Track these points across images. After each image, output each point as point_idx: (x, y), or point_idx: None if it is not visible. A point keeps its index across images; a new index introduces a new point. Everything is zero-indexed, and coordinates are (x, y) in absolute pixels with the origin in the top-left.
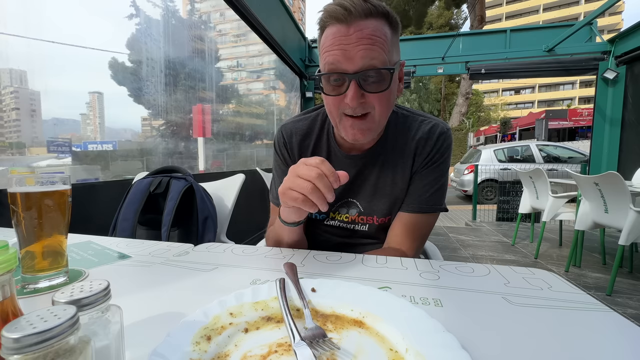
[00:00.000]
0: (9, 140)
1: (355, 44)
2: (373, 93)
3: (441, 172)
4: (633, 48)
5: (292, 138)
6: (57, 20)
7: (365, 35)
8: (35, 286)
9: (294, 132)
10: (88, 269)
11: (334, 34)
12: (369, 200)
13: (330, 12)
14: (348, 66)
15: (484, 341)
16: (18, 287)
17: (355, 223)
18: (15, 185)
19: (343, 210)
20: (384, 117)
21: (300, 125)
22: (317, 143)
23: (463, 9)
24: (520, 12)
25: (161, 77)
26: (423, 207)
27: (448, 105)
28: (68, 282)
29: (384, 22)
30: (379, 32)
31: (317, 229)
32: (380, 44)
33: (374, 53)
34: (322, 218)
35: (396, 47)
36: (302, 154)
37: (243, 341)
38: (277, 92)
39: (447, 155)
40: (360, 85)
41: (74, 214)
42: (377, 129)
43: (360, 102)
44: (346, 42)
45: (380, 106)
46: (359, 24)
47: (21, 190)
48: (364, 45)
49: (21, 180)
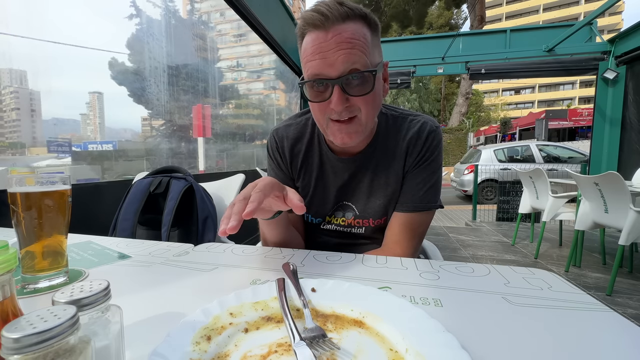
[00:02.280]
0: (9, 140)
1: (335, 49)
2: (357, 96)
3: (433, 169)
4: (633, 48)
5: (283, 143)
6: (57, 20)
7: (344, 39)
8: (35, 286)
9: (285, 137)
10: (88, 269)
11: (313, 41)
12: (365, 203)
13: (307, 20)
14: (330, 72)
15: (484, 341)
16: (18, 287)
17: (352, 226)
18: (15, 185)
19: (339, 214)
20: (371, 119)
21: (291, 131)
22: (309, 148)
23: (463, 9)
24: (520, 12)
25: (161, 77)
26: (417, 205)
27: (448, 105)
28: (68, 282)
29: (362, 24)
30: (358, 35)
31: (315, 232)
32: (360, 46)
33: (354, 57)
34: (319, 222)
35: (377, 48)
36: (294, 159)
37: (243, 341)
38: (277, 92)
39: (438, 152)
40: (343, 90)
41: (74, 214)
42: (364, 131)
43: (346, 107)
44: (326, 48)
45: (366, 108)
46: (336, 28)
47: (21, 190)
48: (343, 50)
49: (21, 180)
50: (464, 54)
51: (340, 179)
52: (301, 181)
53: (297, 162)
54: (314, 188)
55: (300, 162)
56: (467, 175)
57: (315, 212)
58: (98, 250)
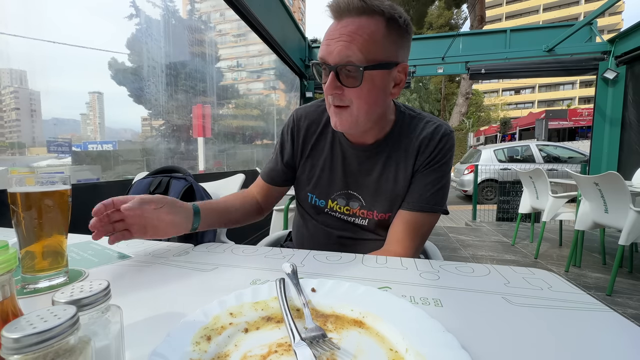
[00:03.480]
0: (9, 140)
1: (336, 40)
2: (348, 87)
3: (443, 172)
4: (633, 48)
5: (300, 121)
6: (57, 20)
7: (346, 32)
8: (35, 286)
9: (305, 115)
10: (88, 268)
11: (329, 28)
12: (372, 195)
13: (330, 7)
14: (329, 58)
15: (484, 341)
16: (18, 287)
17: (356, 216)
18: (15, 185)
19: (341, 201)
20: (364, 113)
21: (312, 111)
22: (324, 130)
23: (463, 9)
24: (520, 12)
25: (161, 77)
26: (424, 206)
27: (448, 105)
28: (68, 282)
29: (377, 20)
30: (362, 31)
31: (318, 216)
32: (359, 42)
33: (349, 51)
34: (322, 205)
35: (393, 46)
36: (308, 138)
37: (243, 341)
38: (277, 92)
39: (450, 156)
40: (338, 78)
41: (74, 214)
42: (357, 122)
43: (337, 93)
44: (332, 36)
45: (358, 101)
46: (347, 20)
47: (21, 190)
48: (342, 42)
49: (21, 180)
50: (464, 54)
51: (348, 165)
52: (311, 160)
53: (310, 141)
54: (321, 169)
55: (313, 142)
56: (467, 175)
57: (320, 192)
58: (98, 250)
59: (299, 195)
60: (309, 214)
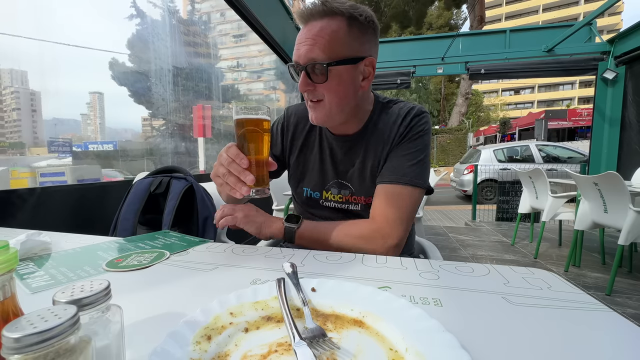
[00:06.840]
0: (10, 140)
1: (303, 43)
2: (316, 84)
3: (416, 147)
4: (632, 48)
5: (290, 118)
6: (57, 21)
7: (311, 35)
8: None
9: (294, 113)
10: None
11: (299, 33)
12: (359, 182)
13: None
14: (300, 60)
15: (484, 341)
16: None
17: (349, 203)
18: (235, 115)
19: (334, 190)
20: (336, 106)
21: (302, 110)
22: (312, 127)
23: (463, 9)
24: (520, 12)
25: (161, 77)
26: (400, 178)
27: (448, 105)
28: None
29: (338, 20)
30: (324, 32)
31: (315, 208)
32: (322, 43)
33: (312, 53)
34: (317, 197)
35: (352, 44)
36: (297, 134)
37: (243, 341)
38: (277, 92)
39: (423, 133)
40: (308, 76)
41: (76, 213)
42: (331, 115)
43: (309, 89)
44: (300, 40)
45: (329, 95)
46: (312, 24)
47: (243, 117)
48: (307, 45)
49: (238, 110)
50: (464, 54)
51: (335, 155)
52: (303, 156)
53: (299, 138)
54: (313, 163)
55: (303, 139)
56: (467, 175)
57: (314, 185)
58: (179, 237)
59: (296, 192)
60: (306, 210)
